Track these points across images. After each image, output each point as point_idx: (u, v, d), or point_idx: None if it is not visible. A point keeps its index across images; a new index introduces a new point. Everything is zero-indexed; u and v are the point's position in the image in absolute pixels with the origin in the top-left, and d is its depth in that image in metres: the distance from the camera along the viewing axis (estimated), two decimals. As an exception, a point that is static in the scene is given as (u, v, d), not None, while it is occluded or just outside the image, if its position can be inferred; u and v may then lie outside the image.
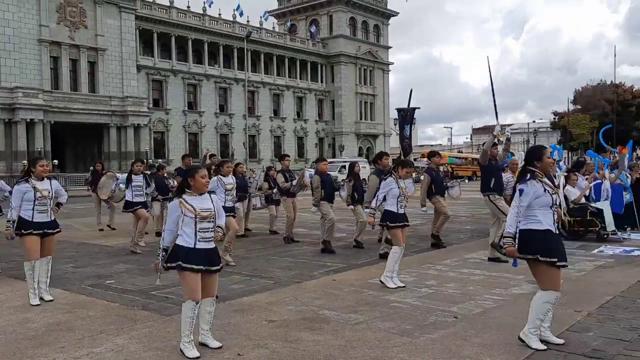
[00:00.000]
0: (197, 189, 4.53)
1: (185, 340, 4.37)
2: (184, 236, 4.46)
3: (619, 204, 10.73)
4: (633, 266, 7.76)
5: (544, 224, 4.40)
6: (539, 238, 4.38)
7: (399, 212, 6.84)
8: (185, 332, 4.37)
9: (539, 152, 4.60)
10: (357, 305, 5.86)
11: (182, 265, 4.38)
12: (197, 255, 4.42)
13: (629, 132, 51.70)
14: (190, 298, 4.39)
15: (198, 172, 4.57)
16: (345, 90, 62.47)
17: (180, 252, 4.43)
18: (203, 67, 51.29)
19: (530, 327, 4.43)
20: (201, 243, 4.47)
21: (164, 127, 49.10)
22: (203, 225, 4.48)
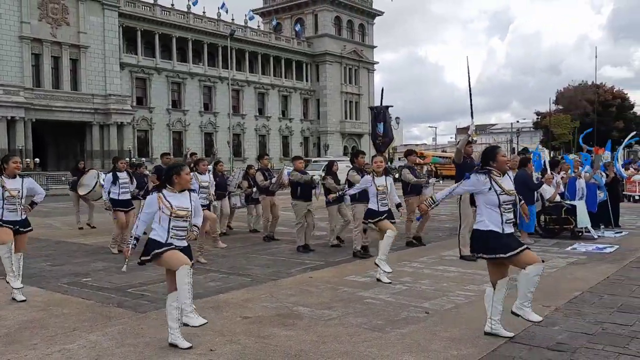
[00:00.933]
0: (181, 185, 4.61)
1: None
2: (157, 230, 4.56)
3: (592, 203, 10.94)
4: (604, 263, 7.93)
5: (487, 224, 4.60)
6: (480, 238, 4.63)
7: (379, 209, 7.02)
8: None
9: (492, 152, 4.78)
10: (332, 301, 5.93)
11: (158, 252, 4.49)
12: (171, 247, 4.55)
13: (609, 132, 52.46)
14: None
15: (183, 169, 4.64)
16: (331, 90, 62.56)
17: (152, 245, 4.55)
18: (187, 66, 51.04)
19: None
20: (173, 240, 4.56)
21: (148, 125, 48.79)
22: (177, 224, 4.56)
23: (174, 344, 4.46)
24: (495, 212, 4.59)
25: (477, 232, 4.68)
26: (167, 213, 4.51)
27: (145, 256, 4.57)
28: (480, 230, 4.64)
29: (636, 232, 11.26)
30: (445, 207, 17.23)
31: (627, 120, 59.62)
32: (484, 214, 4.63)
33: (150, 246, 4.56)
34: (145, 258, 4.58)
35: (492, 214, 4.60)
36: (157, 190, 4.64)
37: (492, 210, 4.60)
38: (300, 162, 10.03)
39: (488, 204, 4.61)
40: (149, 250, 4.55)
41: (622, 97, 61.40)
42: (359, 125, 65.80)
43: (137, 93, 48.07)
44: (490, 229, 4.58)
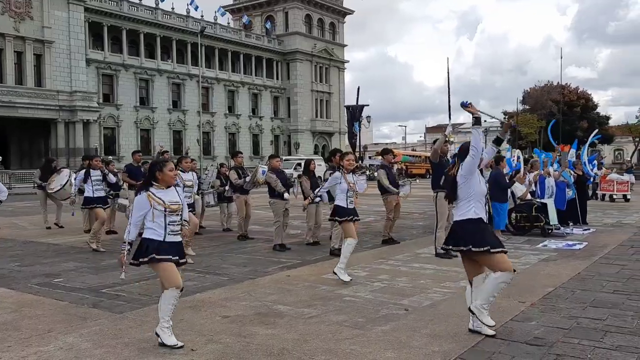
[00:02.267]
0: (165, 182, 4.53)
1: (165, 326, 4.41)
2: (153, 229, 4.47)
3: (561, 201, 11.22)
4: (574, 259, 8.13)
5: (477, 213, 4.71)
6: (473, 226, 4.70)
7: (348, 206, 7.02)
8: (165, 317, 4.41)
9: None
10: (311, 299, 5.93)
11: (157, 258, 4.40)
12: (168, 248, 4.46)
13: (574, 132, 53.80)
14: (173, 286, 4.41)
15: (166, 165, 4.56)
16: (301, 88, 62.52)
17: (150, 245, 4.44)
18: (155, 62, 50.28)
19: (483, 303, 4.61)
20: (170, 236, 4.50)
21: (115, 123, 47.89)
22: (172, 219, 4.50)
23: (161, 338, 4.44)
24: (481, 202, 4.74)
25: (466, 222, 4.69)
26: (161, 209, 4.44)
27: (143, 258, 4.43)
28: (472, 219, 4.68)
29: (602, 229, 11.59)
30: (417, 205, 17.43)
31: (591, 120, 61.25)
32: (472, 204, 4.71)
33: (147, 247, 4.44)
34: (143, 260, 4.43)
35: (478, 203, 4.72)
36: (144, 189, 4.53)
37: (479, 201, 4.73)
38: (277, 161, 9.98)
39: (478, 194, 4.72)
40: (147, 252, 4.42)
41: (586, 97, 63.08)
42: (330, 123, 65.96)
43: (103, 90, 47.16)
44: (480, 216, 4.69)
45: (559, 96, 57.35)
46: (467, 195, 4.73)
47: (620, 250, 8.87)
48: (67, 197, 11.99)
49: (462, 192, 4.76)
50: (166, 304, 4.42)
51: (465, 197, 4.74)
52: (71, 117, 41.76)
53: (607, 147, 79.07)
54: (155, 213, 4.44)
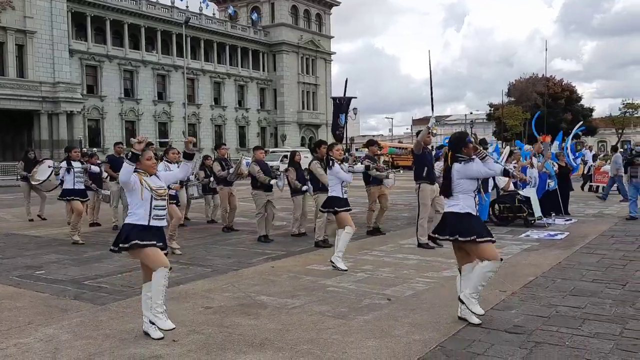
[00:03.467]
0: (144, 171, 4.49)
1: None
2: (137, 214, 4.42)
3: (540, 191, 11.35)
4: (555, 249, 8.23)
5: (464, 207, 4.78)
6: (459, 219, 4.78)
7: (343, 196, 7.12)
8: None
9: (462, 139, 4.91)
10: (295, 290, 5.94)
11: (140, 244, 4.35)
12: (151, 233, 4.42)
13: (558, 124, 54.29)
14: (161, 265, 4.36)
15: (144, 155, 4.50)
16: (288, 80, 62.28)
17: (132, 231, 4.38)
18: (140, 53, 49.74)
19: (472, 292, 4.69)
20: (155, 221, 4.46)
21: (99, 114, 47.37)
22: (158, 203, 4.46)
23: (147, 333, 4.41)
24: (470, 196, 4.81)
25: (453, 215, 4.79)
26: (149, 192, 4.41)
27: (124, 244, 4.38)
28: (459, 213, 4.77)
29: (584, 220, 11.72)
30: (402, 197, 17.50)
31: (575, 112, 61.84)
32: (460, 199, 4.79)
33: (129, 233, 4.39)
34: (124, 246, 4.39)
35: (467, 198, 4.79)
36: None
37: (469, 195, 4.80)
38: (261, 153, 9.96)
39: (468, 189, 4.79)
40: (128, 238, 4.37)
41: (570, 89, 63.62)
42: (317, 115, 65.84)
43: (87, 81, 46.57)
44: (467, 211, 4.77)
45: (543, 88, 57.78)
46: (459, 190, 4.82)
47: (601, 240, 8.99)
48: (53, 189, 11.89)
49: (455, 188, 4.84)
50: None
51: (458, 191, 4.82)
52: (54, 108, 41.22)
53: (591, 139, 79.94)
54: (143, 195, 4.38)
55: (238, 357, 4.00)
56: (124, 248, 4.40)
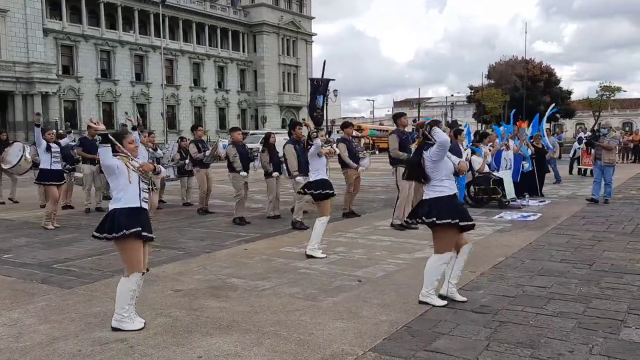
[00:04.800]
0: (125, 154, 4.30)
1: (124, 315, 4.15)
2: (126, 197, 4.16)
3: (515, 173, 11.46)
4: (527, 230, 8.33)
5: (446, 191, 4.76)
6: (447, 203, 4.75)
7: (329, 179, 6.96)
8: (124, 307, 4.15)
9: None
10: (266, 272, 5.93)
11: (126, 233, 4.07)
12: (142, 219, 4.18)
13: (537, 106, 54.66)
14: (136, 270, 4.18)
15: (126, 137, 4.36)
16: (268, 61, 61.70)
17: (121, 217, 4.11)
18: (117, 33, 48.78)
19: (427, 289, 4.75)
20: (145, 203, 4.27)
21: (76, 95, 46.50)
22: (143, 186, 4.28)
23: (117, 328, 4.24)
24: (451, 180, 4.81)
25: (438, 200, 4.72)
26: (136, 174, 4.20)
27: (110, 233, 4.09)
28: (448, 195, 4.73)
29: (557, 201, 11.89)
30: (380, 179, 17.54)
31: (554, 94, 62.31)
32: (444, 183, 4.75)
33: (118, 220, 4.10)
34: (113, 235, 4.09)
35: (449, 181, 4.79)
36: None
37: (449, 179, 4.79)
38: (239, 134, 9.87)
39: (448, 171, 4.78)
40: (118, 227, 4.08)
41: (549, 72, 63.99)
42: (298, 97, 65.46)
43: (63, 61, 45.62)
44: (450, 194, 4.75)
45: (523, 71, 58.10)
46: (437, 175, 4.76)
47: (572, 221, 9.12)
48: (24, 172, 11.67)
49: (431, 174, 4.78)
50: (124, 290, 4.15)
51: (437, 177, 4.76)
52: (29, 89, 40.38)
53: (569, 122, 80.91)
54: (131, 177, 4.17)
55: (204, 339, 3.98)
56: (112, 238, 4.12)
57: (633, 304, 4.65)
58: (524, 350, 3.72)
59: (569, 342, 3.85)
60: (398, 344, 3.87)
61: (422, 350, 3.75)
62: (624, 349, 3.71)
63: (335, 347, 3.82)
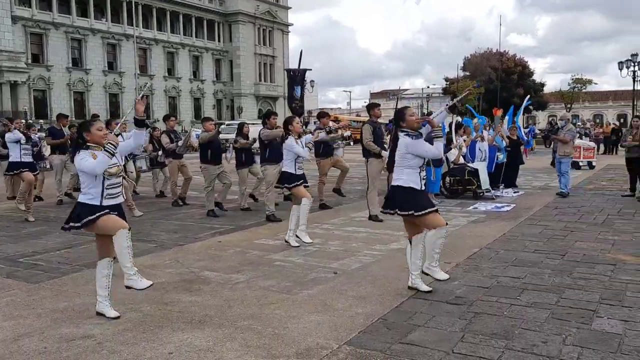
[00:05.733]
0: (95, 143, 4.17)
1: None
2: (90, 193, 4.15)
3: (490, 164, 11.53)
4: (501, 220, 8.39)
5: (407, 181, 4.77)
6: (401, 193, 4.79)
7: (297, 172, 6.78)
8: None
9: (402, 112, 4.88)
10: (240, 265, 5.84)
11: (92, 218, 4.10)
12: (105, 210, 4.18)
13: (511, 98, 55.30)
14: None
15: (93, 124, 4.21)
16: (244, 51, 61.07)
17: (84, 209, 4.14)
18: (88, 21, 47.66)
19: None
20: (108, 200, 4.19)
21: (46, 85, 45.37)
22: (111, 182, 4.19)
23: (101, 313, 4.22)
24: (415, 171, 4.76)
25: (398, 188, 4.80)
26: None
27: (76, 222, 4.14)
28: (402, 187, 4.77)
29: (531, 192, 12.02)
30: (357, 170, 17.53)
31: (527, 87, 63.07)
32: (405, 173, 4.78)
33: (81, 211, 4.15)
34: (76, 225, 4.14)
35: (413, 172, 4.76)
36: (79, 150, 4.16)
37: (414, 170, 4.76)
38: (210, 124, 9.70)
39: (414, 164, 4.75)
40: (80, 217, 4.13)
41: (523, 64, 64.68)
42: (274, 88, 65.02)
43: (32, 50, 44.40)
44: (410, 186, 4.75)
45: (497, 63, 58.64)
46: (405, 164, 4.79)
47: (545, 212, 9.22)
48: None
49: (401, 162, 4.82)
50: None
51: (403, 166, 4.80)
52: (-4, 78, 39.28)
53: (542, 113, 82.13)
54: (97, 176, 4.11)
55: (175, 334, 3.89)
56: (76, 227, 4.17)
57: (605, 294, 4.70)
58: (498, 342, 3.71)
59: (543, 333, 3.86)
60: (373, 337, 3.83)
61: (397, 342, 3.72)
62: (596, 339, 3.74)
63: (310, 341, 3.76)
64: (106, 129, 4.30)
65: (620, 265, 5.65)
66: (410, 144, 4.76)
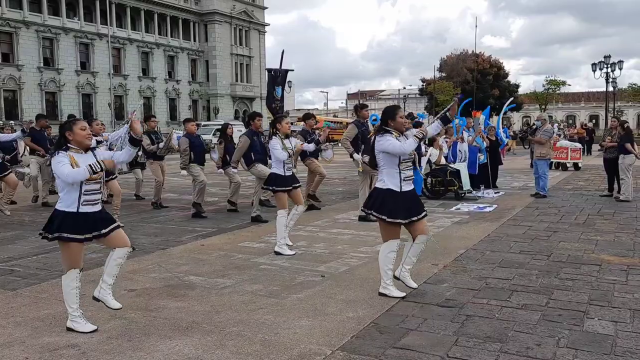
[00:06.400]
0: (78, 143, 3.95)
1: (75, 314, 3.94)
2: (65, 200, 3.91)
3: (473, 165, 11.59)
4: (484, 221, 8.42)
5: (386, 183, 4.70)
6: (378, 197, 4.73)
7: (285, 174, 6.44)
8: (72, 305, 3.95)
9: (392, 111, 4.78)
10: (225, 269, 5.72)
11: (65, 236, 3.86)
12: (82, 221, 3.90)
13: (486, 99, 55.98)
14: (72, 267, 3.95)
15: (76, 123, 3.99)
16: (220, 51, 60.59)
17: (59, 219, 3.89)
18: (60, 20, 46.73)
19: (384, 279, 4.76)
20: (85, 207, 3.93)
21: (16, 85, 44.33)
22: (89, 187, 3.93)
23: (73, 329, 3.96)
24: (394, 171, 4.67)
25: (377, 190, 4.76)
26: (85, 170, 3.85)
27: (50, 233, 3.89)
28: (381, 189, 4.71)
29: (511, 192, 12.12)
30: (338, 171, 17.51)
31: (502, 88, 63.92)
32: (383, 174, 4.71)
33: (58, 220, 3.89)
34: (51, 237, 3.89)
35: (391, 172, 4.67)
36: (59, 150, 3.93)
37: (392, 169, 4.66)
38: (193, 125, 9.56)
39: (389, 163, 4.65)
40: (59, 227, 3.87)
41: (498, 66, 65.53)
42: (251, 88, 64.67)
43: (2, 49, 43.41)
44: (389, 187, 4.67)
45: (473, 64, 59.29)
46: (382, 164, 4.73)
47: (527, 212, 9.29)
48: None
49: (378, 162, 4.76)
50: (67, 289, 3.97)
51: (381, 166, 4.74)
52: (-35, 77, 38.24)
53: (516, 114, 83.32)
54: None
55: (162, 342, 3.76)
56: (52, 238, 3.91)
57: (593, 295, 4.71)
58: (492, 345, 3.68)
59: (536, 335, 3.84)
60: (366, 342, 3.76)
61: (391, 347, 3.66)
62: (589, 341, 3.73)
63: (303, 347, 3.67)
64: (89, 129, 4.13)
65: (605, 265, 5.70)
66: (378, 142, 4.67)
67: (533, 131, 11.76)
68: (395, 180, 4.67)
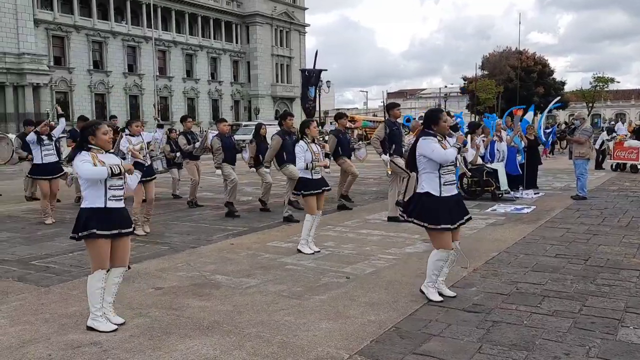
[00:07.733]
0: (100, 147, 4.06)
1: (97, 314, 4.01)
2: (92, 196, 3.99)
3: (513, 166, 11.25)
4: (520, 223, 8.16)
5: (425, 187, 4.58)
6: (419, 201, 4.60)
7: (313, 177, 6.39)
8: (95, 305, 4.01)
9: (435, 116, 4.66)
10: (251, 269, 5.74)
11: (97, 233, 3.93)
12: (109, 217, 4.00)
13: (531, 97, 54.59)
14: (100, 267, 4.02)
15: (99, 128, 4.07)
16: (261, 52, 61.18)
17: (90, 216, 3.96)
18: (109, 24, 48.18)
19: (427, 281, 4.65)
20: (112, 202, 4.03)
21: (67, 87, 45.98)
22: (114, 182, 4.04)
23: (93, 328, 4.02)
24: (434, 175, 4.54)
25: (417, 195, 4.63)
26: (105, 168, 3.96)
27: (83, 231, 3.96)
28: (420, 193, 4.59)
29: (551, 193, 11.72)
30: (373, 170, 17.36)
31: (547, 85, 62.21)
32: (422, 178, 4.58)
33: (86, 217, 3.96)
34: (84, 234, 3.96)
35: (431, 176, 4.54)
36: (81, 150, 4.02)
37: (432, 173, 4.53)
38: (225, 125, 9.64)
39: (430, 167, 4.53)
40: (87, 225, 3.94)
41: (543, 63, 63.83)
42: (291, 88, 64.99)
43: (54, 52, 45.06)
44: (427, 191, 4.55)
45: (516, 62, 57.89)
46: (421, 168, 4.61)
47: (567, 214, 8.96)
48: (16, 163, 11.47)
49: (418, 166, 4.63)
50: (92, 288, 4.03)
51: (421, 169, 4.62)
52: (20, 80, 39.81)
53: (562, 113, 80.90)
54: None
55: (182, 341, 3.79)
56: (83, 236, 3.98)
57: (630, 302, 4.49)
58: (517, 353, 3.54)
59: (565, 344, 3.67)
60: (386, 347, 3.68)
61: (411, 353, 3.57)
62: (622, 351, 3.54)
63: (320, 350, 3.63)
64: (112, 134, 4.21)
65: (647, 271, 5.42)
66: (420, 144, 4.57)
67: (572, 130, 11.34)
68: (434, 184, 4.54)
